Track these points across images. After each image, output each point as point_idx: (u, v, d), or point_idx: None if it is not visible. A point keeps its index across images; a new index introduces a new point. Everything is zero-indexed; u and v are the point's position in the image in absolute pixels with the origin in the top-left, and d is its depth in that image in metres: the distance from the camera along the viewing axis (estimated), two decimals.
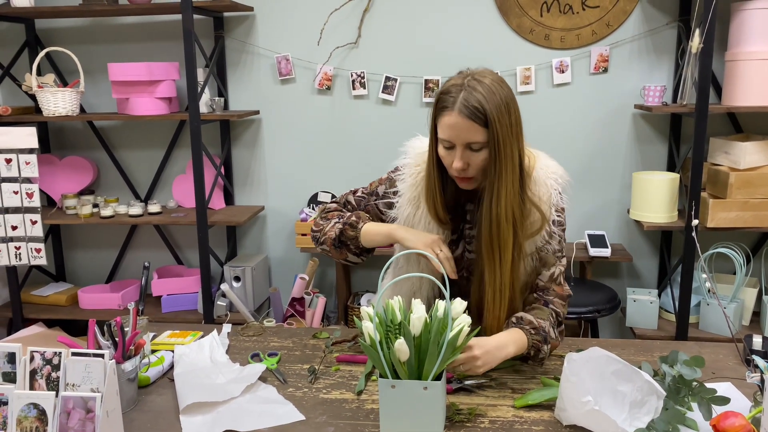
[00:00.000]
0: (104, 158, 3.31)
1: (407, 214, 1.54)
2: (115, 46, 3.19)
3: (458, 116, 1.33)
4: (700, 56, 2.44)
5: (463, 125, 1.33)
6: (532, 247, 1.48)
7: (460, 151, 1.37)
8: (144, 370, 1.52)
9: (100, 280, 3.44)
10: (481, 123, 1.33)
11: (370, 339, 1.26)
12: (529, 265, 1.50)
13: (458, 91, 1.34)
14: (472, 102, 1.32)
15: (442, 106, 1.36)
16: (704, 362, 1.26)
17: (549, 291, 1.51)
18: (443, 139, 1.38)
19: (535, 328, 1.44)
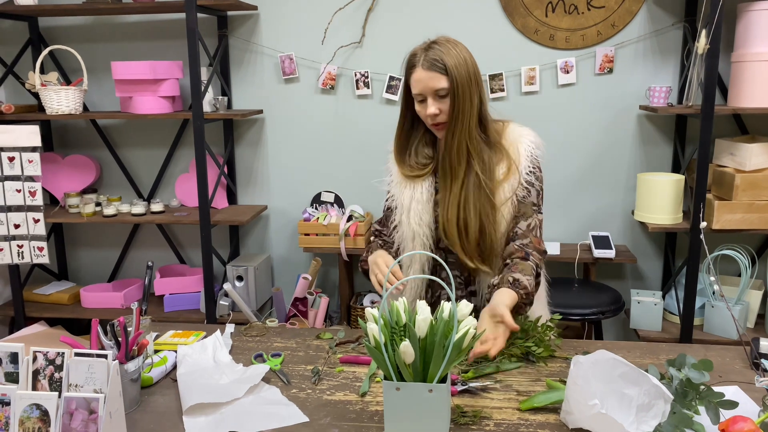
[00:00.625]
0: (107, 157, 3.31)
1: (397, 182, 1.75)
2: (118, 45, 3.19)
3: (422, 70, 1.56)
4: (707, 57, 2.42)
5: (427, 77, 1.56)
6: (508, 194, 1.64)
7: (431, 100, 1.58)
8: (147, 371, 1.51)
9: (103, 279, 3.43)
10: (441, 72, 1.55)
11: (375, 341, 1.25)
12: (508, 212, 1.65)
13: (422, 52, 1.59)
14: (431, 56, 1.56)
15: (410, 66, 1.60)
16: (712, 366, 1.24)
17: (528, 244, 1.63)
18: (416, 93, 1.59)
19: (528, 293, 1.54)
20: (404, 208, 1.72)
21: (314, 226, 3.00)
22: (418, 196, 1.71)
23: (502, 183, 1.65)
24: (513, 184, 1.65)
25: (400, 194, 1.73)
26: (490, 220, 1.63)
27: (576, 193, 3.01)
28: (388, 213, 1.81)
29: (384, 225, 1.83)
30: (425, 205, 1.71)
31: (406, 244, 1.73)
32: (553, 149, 2.96)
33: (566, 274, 2.93)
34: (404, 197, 1.72)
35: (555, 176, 2.98)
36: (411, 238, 1.72)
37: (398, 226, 1.74)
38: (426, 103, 1.59)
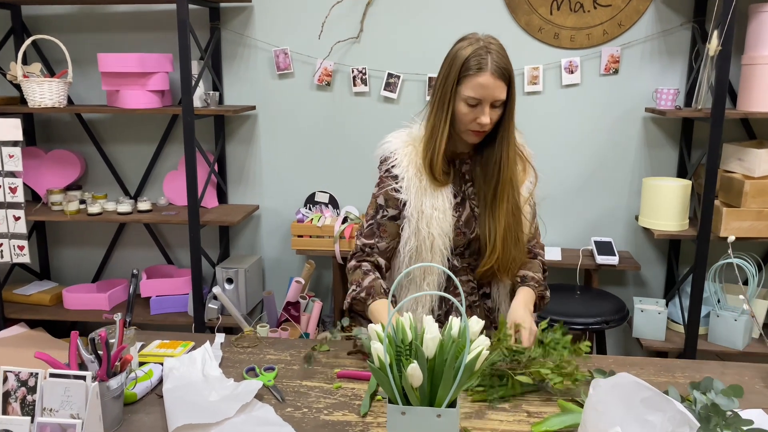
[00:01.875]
0: (92, 152, 3.18)
1: (416, 188, 1.63)
2: (105, 36, 3.06)
3: (491, 77, 1.49)
4: (718, 59, 2.34)
5: (494, 84, 1.50)
6: (526, 194, 1.67)
7: (488, 108, 1.52)
8: (131, 386, 1.41)
9: (86, 279, 3.31)
10: (506, 82, 1.52)
11: (380, 362, 1.15)
12: (528, 213, 1.68)
13: (485, 53, 1.50)
14: (502, 64, 1.50)
15: (474, 68, 1.49)
16: (743, 392, 1.16)
17: (535, 243, 1.75)
18: (471, 97, 1.51)
19: (537, 281, 1.66)
20: (425, 216, 1.62)
21: (308, 227, 2.90)
22: (440, 204, 1.63)
23: (521, 185, 1.67)
24: (528, 185, 1.68)
25: (419, 202, 1.63)
26: (520, 227, 1.65)
27: (578, 197, 2.93)
28: (386, 224, 1.68)
29: (375, 237, 1.68)
30: (446, 213, 1.63)
31: (422, 253, 1.64)
32: (556, 151, 2.87)
33: (567, 281, 2.84)
34: (425, 206, 1.63)
35: (557, 179, 2.89)
36: (429, 247, 1.63)
37: (414, 235, 1.64)
38: (477, 108, 1.53)
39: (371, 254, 1.69)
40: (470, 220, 1.66)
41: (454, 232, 1.64)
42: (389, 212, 1.67)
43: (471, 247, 1.68)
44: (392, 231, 1.68)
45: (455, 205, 1.66)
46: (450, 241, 1.64)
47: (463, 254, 1.68)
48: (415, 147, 1.66)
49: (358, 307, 1.64)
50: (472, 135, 1.57)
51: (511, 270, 1.67)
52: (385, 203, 1.67)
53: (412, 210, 1.63)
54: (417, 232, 1.63)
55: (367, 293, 1.60)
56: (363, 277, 1.64)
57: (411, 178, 1.63)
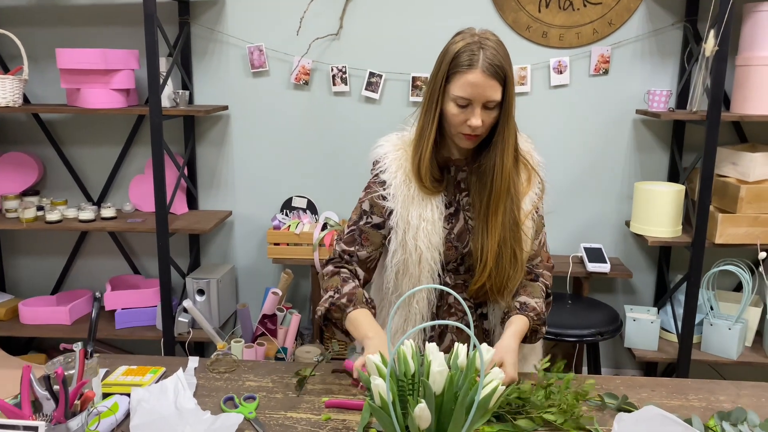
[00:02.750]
0: (51, 155, 2.97)
1: (403, 196, 1.50)
2: (64, 30, 2.85)
3: (482, 74, 1.34)
4: (714, 60, 2.26)
5: (486, 83, 1.35)
6: (528, 207, 1.51)
7: (479, 110, 1.37)
8: (92, 423, 1.24)
9: (45, 291, 3.09)
10: (500, 82, 1.36)
11: (382, 401, 1.01)
12: (531, 228, 1.52)
13: (477, 49, 1.35)
14: (495, 61, 1.34)
15: (464, 64, 1.35)
16: None
17: (538, 263, 1.57)
18: (461, 96, 1.37)
19: (538, 313, 1.49)
20: (411, 227, 1.47)
21: (285, 234, 2.74)
22: (428, 214, 1.47)
23: (523, 197, 1.50)
24: (532, 196, 1.52)
25: (405, 212, 1.48)
26: (518, 244, 1.48)
27: (567, 202, 2.83)
28: (368, 231, 1.54)
29: (356, 244, 1.54)
30: (435, 225, 1.48)
31: (409, 267, 1.49)
32: (544, 155, 2.74)
33: (557, 289, 2.74)
34: (412, 216, 1.48)
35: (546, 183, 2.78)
36: (417, 261, 1.48)
37: (401, 247, 1.50)
38: (468, 109, 1.38)
39: (350, 262, 1.54)
40: (464, 233, 1.51)
41: (445, 246, 1.50)
42: (373, 219, 1.52)
43: (465, 263, 1.53)
44: (375, 240, 1.53)
45: (447, 216, 1.51)
46: (440, 255, 1.49)
47: (457, 270, 1.54)
48: (405, 151, 1.52)
49: (335, 314, 1.47)
50: (464, 139, 1.43)
51: (507, 290, 1.50)
52: (370, 209, 1.53)
53: (398, 219, 1.49)
54: (404, 244, 1.49)
55: (348, 300, 1.45)
56: (342, 283, 1.49)
57: (399, 185, 1.49)
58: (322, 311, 1.50)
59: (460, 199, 1.52)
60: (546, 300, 1.55)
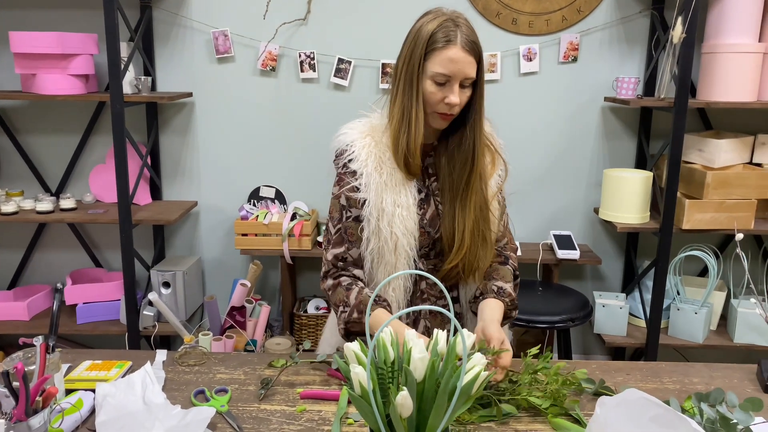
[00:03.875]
0: (5, 144, 2.85)
1: (376, 184, 1.46)
2: (18, 12, 2.74)
3: (461, 50, 1.35)
4: (682, 47, 2.28)
5: (465, 59, 1.36)
6: (494, 188, 1.53)
7: (457, 87, 1.37)
8: (55, 421, 1.19)
9: (1, 286, 2.98)
10: (477, 59, 1.38)
11: (362, 390, 0.98)
12: (496, 209, 1.53)
13: (453, 26, 1.36)
14: (471, 38, 1.37)
15: (442, 41, 1.36)
16: (762, 405, 1.06)
17: (505, 245, 1.58)
18: (440, 73, 1.36)
19: (512, 299, 1.51)
20: (385, 214, 1.44)
21: (253, 225, 2.69)
22: (403, 200, 1.45)
23: (489, 178, 1.52)
24: (496, 178, 1.54)
25: (379, 199, 1.45)
26: (488, 225, 1.49)
27: (537, 189, 2.84)
28: (352, 226, 1.49)
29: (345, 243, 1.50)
30: (410, 210, 1.45)
31: (384, 255, 1.46)
32: (514, 142, 2.77)
33: (528, 276, 2.74)
34: (386, 203, 1.44)
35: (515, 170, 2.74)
36: (392, 248, 1.45)
37: (374, 235, 1.46)
38: (446, 87, 1.38)
39: (345, 267, 1.50)
40: (434, 218, 1.50)
41: (419, 232, 1.48)
42: (352, 212, 1.49)
43: (435, 248, 1.51)
44: (360, 235, 1.49)
45: (419, 202, 1.49)
46: (416, 240, 1.47)
47: (428, 255, 1.52)
48: (374, 138, 1.48)
49: (355, 329, 1.44)
50: (439, 118, 1.42)
51: (478, 270, 1.51)
52: (347, 203, 1.48)
53: (371, 208, 1.46)
54: (378, 231, 1.46)
55: (359, 311, 1.42)
56: (347, 294, 1.45)
57: (370, 173, 1.46)
58: (342, 332, 1.48)
59: (429, 184, 1.51)
60: (514, 282, 1.56)
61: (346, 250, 1.49)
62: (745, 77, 2.38)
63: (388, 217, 1.44)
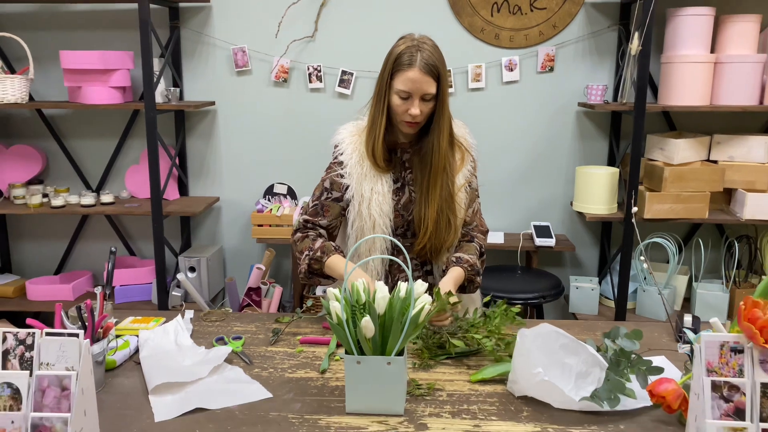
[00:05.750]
0: (53, 147, 3.25)
1: (357, 174, 1.79)
2: (66, 34, 3.14)
3: (419, 72, 1.63)
4: (639, 58, 2.60)
5: (422, 79, 1.63)
6: (462, 180, 1.80)
7: (417, 101, 1.66)
8: (110, 354, 1.53)
9: (49, 271, 3.37)
10: (434, 78, 1.65)
11: (338, 318, 1.33)
12: (464, 199, 1.81)
13: (415, 51, 1.64)
14: (430, 61, 1.64)
15: (404, 64, 1.64)
16: (642, 335, 1.38)
17: (473, 227, 1.86)
18: (403, 90, 1.65)
19: (471, 265, 1.77)
20: (364, 198, 1.79)
21: (267, 217, 3.05)
22: (379, 188, 1.79)
23: (457, 173, 1.80)
24: (465, 172, 1.81)
25: (360, 186, 1.79)
26: (453, 211, 1.77)
27: (519, 185, 3.17)
28: (329, 204, 1.82)
29: (319, 216, 1.83)
30: (386, 197, 1.79)
31: (365, 233, 1.81)
32: (498, 143, 3.10)
33: (509, 262, 3.08)
34: (364, 189, 1.79)
35: (499, 168, 3.12)
36: (371, 227, 1.79)
37: (357, 216, 1.81)
38: (409, 101, 1.66)
39: (314, 228, 1.84)
40: (408, 204, 1.80)
41: (394, 214, 1.80)
42: (333, 194, 1.83)
43: (410, 229, 1.84)
44: (334, 211, 1.83)
45: (396, 190, 1.80)
46: (390, 221, 1.79)
47: (405, 235, 1.84)
48: (360, 137, 1.81)
49: (315, 266, 1.76)
50: (406, 126, 1.71)
51: (443, 250, 1.81)
52: (330, 186, 1.83)
53: (354, 193, 1.79)
54: (359, 213, 1.80)
55: (322, 252, 1.75)
56: (313, 242, 1.78)
57: (354, 164, 1.79)
58: (304, 268, 1.77)
59: (405, 176, 1.82)
60: (481, 258, 1.84)
61: (318, 220, 1.83)
62: (699, 84, 2.69)
63: (366, 202, 1.79)
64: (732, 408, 1.11)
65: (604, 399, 1.31)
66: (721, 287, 2.90)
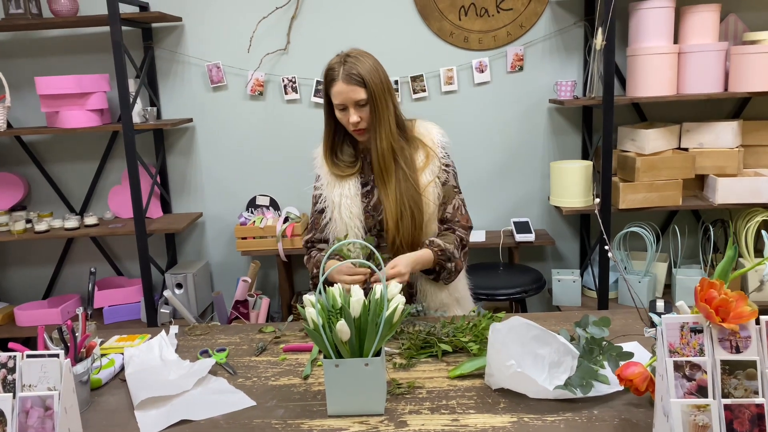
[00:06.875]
0: (34, 173, 3.27)
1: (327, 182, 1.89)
2: (41, 60, 3.16)
3: (342, 84, 1.71)
4: (604, 52, 2.66)
5: (347, 89, 1.71)
6: (430, 177, 1.84)
7: (353, 110, 1.74)
8: (95, 373, 1.56)
9: (37, 296, 3.39)
10: (359, 84, 1.71)
11: (314, 323, 1.36)
12: (434, 192, 1.84)
13: (339, 65, 1.73)
14: (349, 70, 1.71)
15: (330, 80, 1.75)
16: (610, 322, 1.42)
17: (455, 222, 1.88)
18: (337, 104, 1.75)
19: (442, 249, 1.79)
20: (335, 204, 1.87)
21: (251, 229, 3.08)
22: (347, 192, 1.86)
23: (424, 170, 1.84)
24: (433, 169, 1.85)
25: (330, 193, 1.88)
26: (417, 206, 1.81)
27: (497, 184, 3.22)
28: (317, 216, 1.94)
29: (314, 230, 1.95)
30: (354, 200, 1.86)
31: (341, 235, 1.87)
32: (474, 143, 3.15)
33: (492, 259, 3.12)
34: (334, 195, 1.87)
35: (476, 168, 3.17)
36: (344, 231, 1.86)
37: (330, 223, 1.89)
38: (347, 111, 1.75)
39: (314, 247, 1.96)
40: (378, 206, 1.86)
41: (365, 216, 1.87)
42: (317, 207, 1.94)
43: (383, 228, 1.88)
44: (322, 223, 1.93)
45: (365, 193, 1.87)
46: (362, 222, 1.86)
47: (380, 234, 1.89)
48: None
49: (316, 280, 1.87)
50: (356, 134, 1.80)
51: (413, 244, 1.82)
52: (314, 201, 1.95)
53: (327, 201, 1.90)
54: (332, 219, 1.89)
55: (316, 267, 1.90)
56: (314, 261, 1.92)
57: (324, 174, 1.90)
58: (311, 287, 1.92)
59: (374, 180, 1.87)
60: (462, 250, 1.87)
61: (313, 235, 1.95)
62: (664, 74, 2.75)
63: (337, 207, 1.87)
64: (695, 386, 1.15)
65: (577, 386, 1.35)
66: (700, 272, 2.95)
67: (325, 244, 1.95)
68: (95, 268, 1.70)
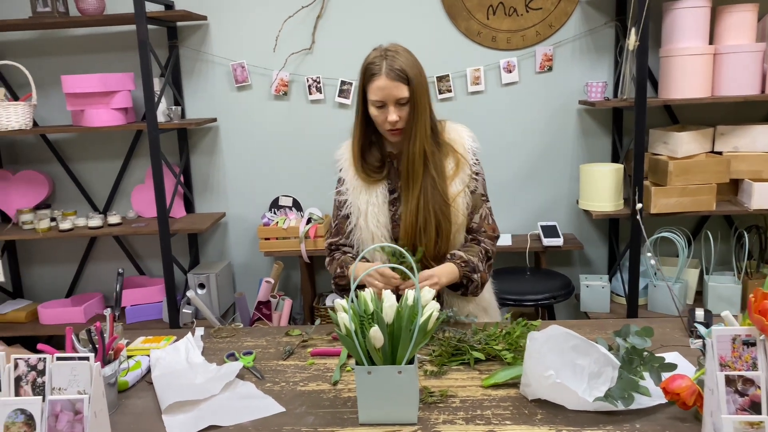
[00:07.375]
0: (59, 171, 3.28)
1: (353, 188, 1.81)
2: (67, 58, 3.17)
3: (386, 79, 1.63)
4: (637, 53, 2.59)
5: (391, 86, 1.63)
6: (460, 186, 1.76)
7: (392, 107, 1.66)
8: (122, 375, 1.54)
9: (60, 294, 3.40)
10: (404, 82, 1.64)
11: (346, 329, 1.33)
12: (463, 203, 1.77)
13: (381, 60, 1.65)
14: (394, 66, 1.64)
15: (370, 74, 1.66)
16: (653, 332, 1.37)
17: (481, 232, 1.81)
18: (376, 100, 1.66)
19: (465, 261, 1.73)
20: (361, 212, 1.80)
21: (274, 230, 3.06)
22: (374, 199, 1.79)
23: (453, 178, 1.76)
24: (463, 177, 1.77)
25: (356, 199, 1.81)
26: (445, 216, 1.73)
27: (524, 186, 3.16)
28: (341, 221, 1.86)
29: (339, 235, 1.88)
30: (381, 208, 1.79)
31: (365, 246, 1.81)
32: (501, 145, 3.10)
33: (518, 263, 3.07)
34: (360, 202, 1.80)
35: (503, 171, 3.12)
36: (370, 239, 1.80)
37: (355, 230, 1.82)
38: (385, 109, 1.67)
39: (338, 249, 1.89)
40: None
41: (392, 224, 1.79)
42: (342, 212, 1.86)
43: None
44: (347, 229, 1.86)
45: (392, 200, 1.79)
46: (389, 231, 1.78)
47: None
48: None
49: (341, 282, 1.82)
50: (390, 134, 1.71)
51: (439, 260, 1.76)
52: (338, 205, 1.87)
53: (352, 207, 1.82)
54: (358, 225, 1.82)
55: (341, 267, 1.82)
56: (338, 263, 1.84)
57: (350, 179, 1.82)
58: (334, 287, 1.84)
59: (400, 185, 1.79)
60: (487, 262, 1.80)
61: (339, 240, 1.88)
62: (699, 76, 2.68)
63: (363, 214, 1.80)
64: (747, 402, 1.10)
65: (618, 398, 1.30)
66: (733, 279, 2.88)
67: (350, 248, 1.89)
68: (123, 269, 1.68)
